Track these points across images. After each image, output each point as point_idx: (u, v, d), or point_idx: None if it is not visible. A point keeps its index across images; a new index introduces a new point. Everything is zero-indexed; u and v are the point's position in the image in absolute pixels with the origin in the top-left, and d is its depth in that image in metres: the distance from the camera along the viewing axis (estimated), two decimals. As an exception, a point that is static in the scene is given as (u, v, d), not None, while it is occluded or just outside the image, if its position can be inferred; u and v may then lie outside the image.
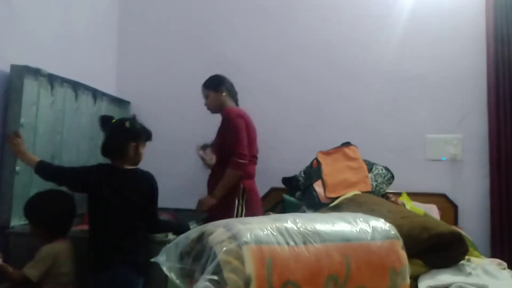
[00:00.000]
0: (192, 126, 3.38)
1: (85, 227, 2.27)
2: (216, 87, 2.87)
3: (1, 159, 2.25)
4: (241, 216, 2.65)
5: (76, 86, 2.71)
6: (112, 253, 2.02)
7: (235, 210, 2.61)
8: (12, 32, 2.37)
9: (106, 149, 2.16)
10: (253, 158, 2.87)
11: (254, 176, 2.89)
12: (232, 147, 2.66)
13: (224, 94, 2.87)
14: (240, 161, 2.64)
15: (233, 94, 2.95)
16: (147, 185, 2.16)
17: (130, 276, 2.02)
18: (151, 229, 2.20)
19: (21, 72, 2.24)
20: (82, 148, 2.79)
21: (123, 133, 2.15)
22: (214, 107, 2.89)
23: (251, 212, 2.66)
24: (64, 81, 2.58)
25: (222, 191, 2.65)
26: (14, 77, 2.24)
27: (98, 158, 2.81)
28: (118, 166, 2.13)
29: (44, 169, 2.14)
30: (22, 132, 2.23)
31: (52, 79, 2.47)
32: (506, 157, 2.98)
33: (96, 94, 2.95)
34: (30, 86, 2.28)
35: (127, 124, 2.17)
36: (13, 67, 2.24)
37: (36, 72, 2.31)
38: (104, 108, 3.06)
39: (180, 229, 2.14)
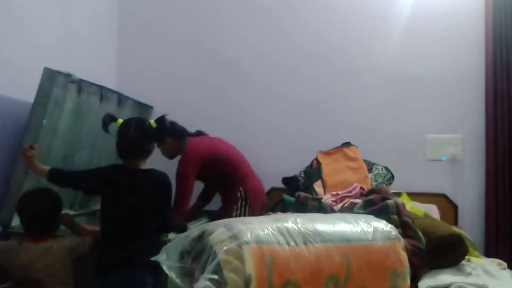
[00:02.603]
0: (192, 126, 3.38)
1: (94, 227, 2.25)
2: (160, 139, 2.71)
3: (14, 160, 2.24)
4: (244, 211, 2.72)
5: (102, 91, 2.68)
6: (125, 254, 2.00)
7: (238, 211, 2.68)
8: (12, 32, 2.37)
9: (132, 150, 2.11)
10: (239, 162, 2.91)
11: (253, 174, 2.93)
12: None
13: (169, 140, 2.80)
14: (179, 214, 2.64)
15: (178, 136, 2.85)
16: (162, 185, 2.13)
17: (143, 277, 2.00)
18: (163, 230, 2.19)
19: (52, 76, 2.18)
20: (95, 149, 2.76)
21: (151, 134, 2.15)
22: (173, 154, 2.87)
23: (256, 209, 2.75)
24: (92, 85, 2.54)
25: None
26: (44, 80, 2.18)
27: (110, 160, 2.80)
28: (132, 166, 2.11)
29: (56, 176, 2.12)
30: (42, 133, 2.21)
31: (81, 84, 2.43)
32: (503, 157, 2.98)
33: (120, 98, 2.92)
34: (58, 90, 2.25)
35: (153, 123, 2.16)
36: (46, 70, 2.18)
37: (67, 77, 2.26)
38: (128, 114, 3.02)
39: (181, 229, 2.16)
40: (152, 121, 2.17)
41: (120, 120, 2.16)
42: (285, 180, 3.11)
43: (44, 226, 2.05)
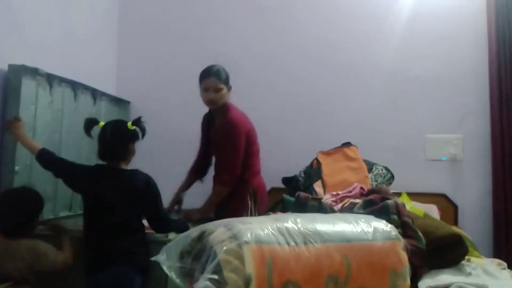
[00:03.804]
0: (191, 126, 3.37)
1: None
2: (228, 81, 2.65)
3: (0, 158, 2.24)
4: (254, 216, 2.62)
5: (75, 86, 2.70)
6: (108, 253, 2.02)
7: (248, 211, 2.50)
8: (12, 31, 2.37)
9: (108, 152, 2.13)
10: (258, 152, 2.79)
11: (259, 172, 2.81)
12: (225, 162, 2.59)
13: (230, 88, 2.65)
14: (230, 179, 2.57)
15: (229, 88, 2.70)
16: (146, 186, 2.13)
17: (128, 276, 2.01)
18: (156, 230, 2.19)
19: (18, 71, 2.22)
20: (82, 148, 2.78)
21: (128, 136, 2.15)
22: (222, 104, 2.65)
23: (261, 209, 2.62)
24: (62, 80, 2.57)
25: (210, 208, 2.60)
26: (11, 77, 2.23)
27: (98, 160, 2.80)
28: (115, 166, 2.13)
29: (45, 157, 2.13)
30: None
31: (51, 79, 2.46)
32: (509, 156, 2.97)
33: (95, 94, 2.94)
34: (28, 86, 2.27)
35: (130, 126, 2.16)
36: (11, 66, 2.23)
37: (34, 72, 2.30)
38: (104, 108, 3.05)
39: (182, 229, 2.16)
40: (129, 123, 2.18)
41: (102, 123, 2.17)
42: (285, 180, 3.10)
43: (19, 225, 1.99)
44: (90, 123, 2.18)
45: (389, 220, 1.82)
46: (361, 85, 3.28)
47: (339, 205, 2.18)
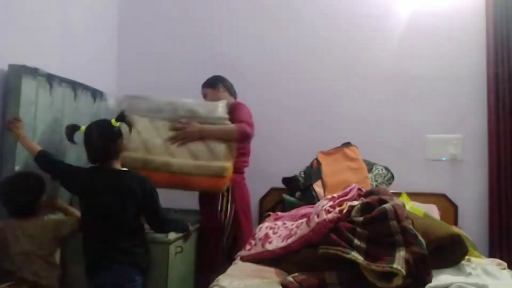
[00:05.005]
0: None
1: None
2: (213, 84, 2.97)
3: (0, 158, 2.25)
4: (226, 208, 2.70)
5: (75, 86, 2.70)
6: (108, 254, 2.02)
7: (219, 202, 2.69)
8: (11, 31, 2.37)
9: (99, 155, 2.13)
10: (246, 155, 2.92)
11: (242, 172, 2.91)
12: (244, 120, 2.71)
13: (221, 90, 2.96)
14: (247, 131, 2.67)
15: (232, 92, 3.02)
16: (139, 187, 2.12)
17: (129, 276, 2.01)
18: (155, 230, 2.19)
19: (19, 72, 2.22)
20: (82, 148, 2.77)
21: (115, 134, 2.15)
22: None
23: (238, 203, 2.74)
24: (62, 80, 2.57)
25: (212, 134, 2.59)
26: (12, 77, 2.23)
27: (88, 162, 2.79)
28: (109, 167, 2.13)
29: (43, 159, 2.15)
30: None
31: (51, 79, 2.45)
32: (505, 157, 2.98)
33: (95, 94, 2.94)
34: (28, 86, 2.27)
35: (114, 123, 2.16)
36: (11, 66, 2.23)
37: (34, 72, 2.30)
38: (104, 108, 3.04)
39: (181, 228, 2.17)
40: (113, 120, 2.18)
41: (83, 128, 2.17)
42: (285, 180, 3.11)
43: (28, 205, 2.07)
44: (72, 130, 2.19)
45: (388, 227, 1.81)
46: (361, 85, 3.28)
47: (337, 209, 2.14)
